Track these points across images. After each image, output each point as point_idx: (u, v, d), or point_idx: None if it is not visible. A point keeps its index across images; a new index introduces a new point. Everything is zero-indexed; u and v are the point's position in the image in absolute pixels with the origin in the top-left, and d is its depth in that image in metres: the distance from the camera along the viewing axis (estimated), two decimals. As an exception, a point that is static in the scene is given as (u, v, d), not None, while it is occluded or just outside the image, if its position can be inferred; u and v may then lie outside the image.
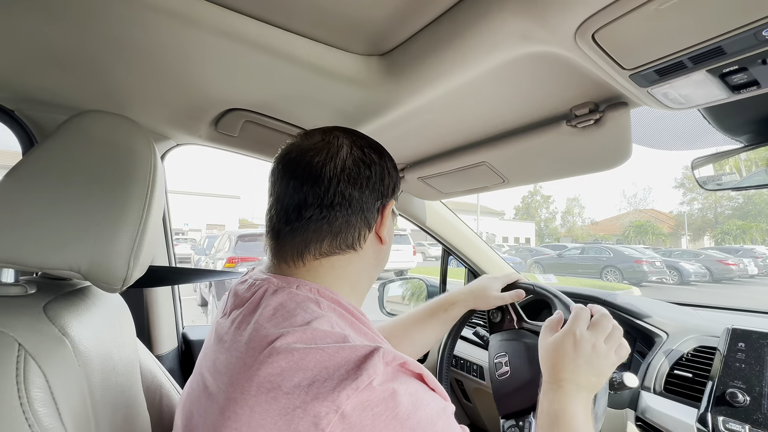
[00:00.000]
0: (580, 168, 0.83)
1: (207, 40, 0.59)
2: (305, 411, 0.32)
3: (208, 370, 0.41)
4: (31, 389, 0.36)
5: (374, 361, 0.34)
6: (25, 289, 0.45)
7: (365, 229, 0.49)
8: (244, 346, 0.38)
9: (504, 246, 26.07)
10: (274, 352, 0.35)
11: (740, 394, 0.69)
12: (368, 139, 0.53)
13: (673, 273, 12.94)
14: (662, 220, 36.61)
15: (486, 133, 0.84)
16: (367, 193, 0.49)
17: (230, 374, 0.36)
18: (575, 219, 44.90)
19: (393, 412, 0.33)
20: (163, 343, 1.11)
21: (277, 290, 0.43)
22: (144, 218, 0.47)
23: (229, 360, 0.38)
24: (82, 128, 0.47)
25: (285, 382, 0.33)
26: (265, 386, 0.33)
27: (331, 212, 0.47)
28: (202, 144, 1.06)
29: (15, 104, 0.82)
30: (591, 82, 0.60)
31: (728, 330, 0.79)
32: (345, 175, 0.47)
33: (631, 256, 13.21)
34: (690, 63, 0.46)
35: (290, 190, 0.47)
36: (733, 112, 0.63)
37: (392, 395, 0.34)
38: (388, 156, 0.54)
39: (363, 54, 0.67)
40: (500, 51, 0.54)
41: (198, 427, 0.38)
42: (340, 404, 0.32)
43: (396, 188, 0.54)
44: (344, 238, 0.48)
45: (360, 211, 0.48)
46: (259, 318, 0.40)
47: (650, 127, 0.75)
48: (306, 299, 0.42)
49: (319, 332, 0.37)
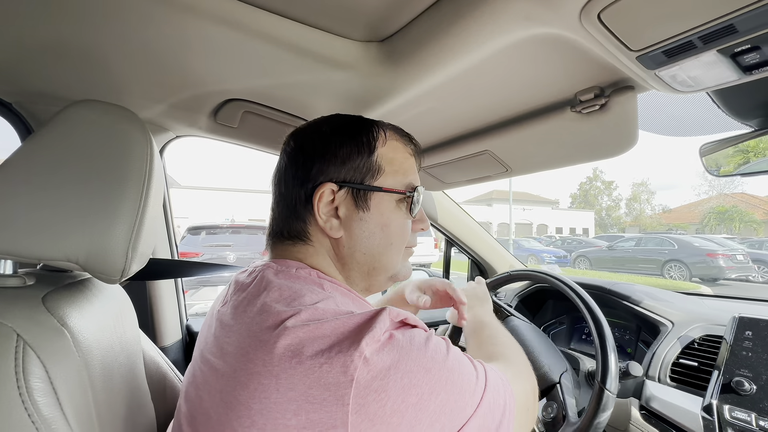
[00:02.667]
0: (585, 155, 0.81)
1: (204, 27, 0.57)
2: (331, 364, 0.34)
3: (214, 355, 0.41)
4: (30, 379, 0.36)
5: (383, 317, 0.37)
6: (24, 280, 0.44)
7: (297, 222, 0.49)
8: (256, 325, 0.38)
9: (555, 237, 23.15)
10: (289, 327, 0.36)
11: (747, 382, 0.68)
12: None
13: (763, 269, 10.46)
14: (755, 205, 29.00)
15: (488, 120, 0.82)
16: (291, 183, 0.50)
17: (245, 352, 0.37)
18: (643, 206, 38.07)
19: (407, 354, 0.36)
20: (167, 335, 1.11)
21: (278, 273, 0.45)
22: (141, 209, 0.47)
23: (240, 340, 0.39)
24: (77, 118, 0.46)
25: (306, 349, 0.35)
26: (287, 355, 0.35)
27: (278, 208, 0.51)
28: (202, 136, 1.05)
29: (13, 97, 0.82)
30: (596, 66, 0.58)
31: (735, 318, 0.78)
32: (276, 169, 0.53)
33: (702, 248, 10.37)
34: (700, 43, 0.44)
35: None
36: (743, 95, 0.61)
37: (407, 341, 0.37)
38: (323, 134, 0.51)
39: (362, 40, 0.66)
40: (503, 34, 0.53)
41: (210, 409, 0.38)
42: (362, 350, 0.34)
43: (348, 166, 0.48)
44: (288, 230, 0.50)
45: (287, 204, 0.50)
46: (266, 299, 0.41)
47: (657, 111, 0.73)
48: (309, 281, 0.44)
49: (329, 310, 0.39)
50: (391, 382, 0.34)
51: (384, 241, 0.50)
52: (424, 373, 0.36)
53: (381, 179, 0.50)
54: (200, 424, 0.39)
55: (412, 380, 0.35)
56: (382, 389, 0.34)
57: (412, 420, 0.35)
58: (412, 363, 0.36)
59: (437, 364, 0.37)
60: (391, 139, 0.52)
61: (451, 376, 0.38)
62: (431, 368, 0.37)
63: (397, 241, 0.51)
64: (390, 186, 0.50)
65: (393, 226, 0.51)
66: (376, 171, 0.50)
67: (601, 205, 39.49)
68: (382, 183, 0.50)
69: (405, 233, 0.53)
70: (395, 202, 0.51)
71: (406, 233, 0.53)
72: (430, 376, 0.36)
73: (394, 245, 0.51)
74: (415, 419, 0.35)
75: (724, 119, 0.67)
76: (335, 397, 0.33)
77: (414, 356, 0.36)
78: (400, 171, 0.52)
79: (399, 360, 0.36)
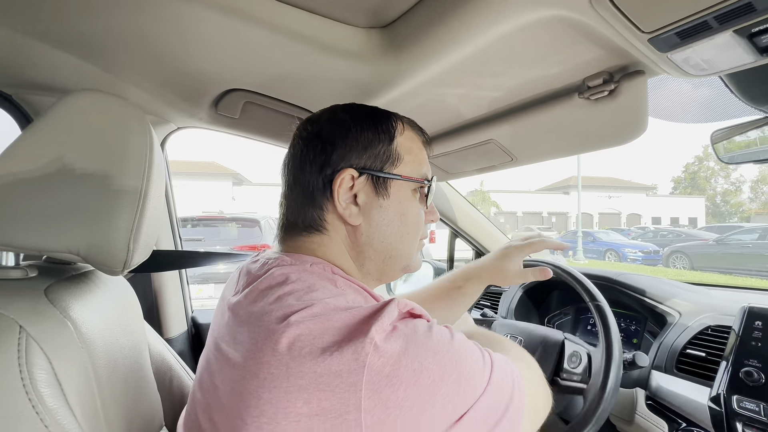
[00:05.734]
0: (593, 143, 0.80)
1: (203, 16, 0.56)
2: (342, 353, 0.34)
3: (227, 344, 0.42)
4: (34, 371, 0.36)
5: (391, 307, 0.38)
6: (26, 272, 0.44)
7: (313, 209, 0.49)
8: (267, 316, 0.39)
9: (649, 228, 19.08)
10: (300, 319, 0.37)
11: (756, 372, 0.67)
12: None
13: None
14: None
15: (493, 108, 0.81)
16: (309, 169, 0.49)
17: (256, 342, 0.38)
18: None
19: (414, 340, 0.37)
20: (172, 327, 1.12)
21: (293, 267, 0.45)
22: (141, 200, 0.46)
23: (252, 331, 0.39)
24: (75, 108, 0.46)
25: (316, 341, 0.35)
26: (297, 345, 0.35)
27: (292, 195, 0.50)
28: (203, 127, 1.04)
29: (13, 88, 0.81)
30: (605, 50, 0.57)
31: (744, 309, 0.77)
32: (289, 156, 0.52)
33: None
34: (715, 23, 0.42)
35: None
36: (759, 79, 0.59)
37: (413, 329, 0.38)
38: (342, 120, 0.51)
39: (364, 27, 0.64)
40: (509, 17, 0.51)
41: (223, 397, 0.39)
42: (372, 337, 0.35)
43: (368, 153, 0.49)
44: (303, 219, 0.49)
45: (303, 191, 0.49)
46: (279, 292, 0.41)
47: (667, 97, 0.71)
48: (323, 277, 0.45)
49: (339, 305, 0.39)
50: (402, 368, 0.35)
51: (401, 230, 0.51)
52: (432, 355, 0.37)
53: (400, 167, 0.51)
54: (215, 412, 0.40)
55: (423, 363, 0.36)
56: (394, 375, 0.35)
57: (425, 403, 0.35)
58: (421, 348, 0.37)
59: (444, 347, 0.38)
60: (407, 129, 0.53)
61: (459, 358, 0.39)
62: (439, 350, 0.38)
63: (413, 230, 0.52)
64: (408, 175, 0.51)
65: (410, 215, 0.51)
66: (396, 159, 0.50)
67: (715, 190, 31.17)
68: (401, 171, 0.50)
69: (420, 223, 0.53)
70: (411, 192, 0.52)
71: (420, 223, 0.54)
72: (438, 359, 0.37)
73: (410, 234, 0.52)
74: (428, 402, 0.35)
75: (737, 104, 0.65)
76: (347, 384, 0.34)
77: (421, 341, 0.37)
78: (416, 161, 0.53)
79: (407, 346, 0.36)
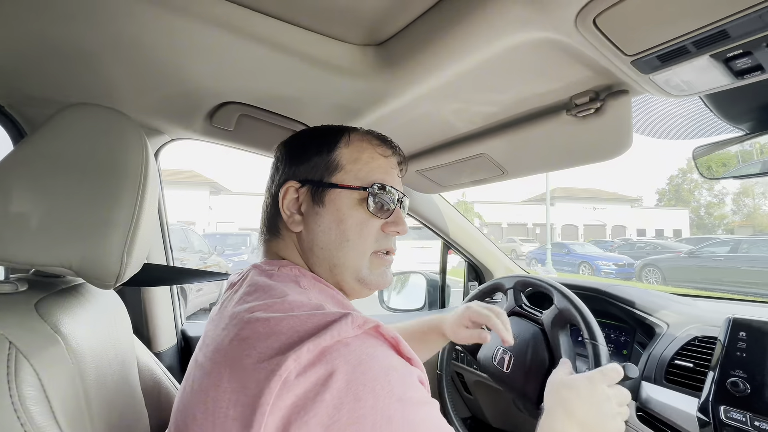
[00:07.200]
0: (580, 158, 0.82)
1: (198, 30, 0.57)
2: (269, 362, 0.34)
3: (200, 348, 0.45)
4: (22, 387, 0.36)
5: (341, 323, 0.37)
6: (16, 286, 0.44)
7: (274, 217, 0.55)
8: (227, 319, 0.41)
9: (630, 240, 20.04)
10: (252, 320, 0.38)
11: (741, 383, 0.68)
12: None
13: None
14: None
15: (484, 123, 0.83)
16: (269, 185, 0.57)
17: (216, 343, 0.40)
18: (758, 202, 29.28)
19: (353, 375, 0.34)
20: (161, 340, 1.10)
21: (262, 272, 0.48)
22: (136, 213, 0.46)
23: (215, 332, 0.42)
24: (71, 121, 0.46)
25: (259, 343, 0.36)
26: (242, 346, 0.37)
27: (264, 206, 0.58)
28: (197, 139, 1.04)
29: (4, 99, 0.81)
30: (591, 70, 0.59)
31: (729, 320, 0.79)
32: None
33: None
34: (693, 48, 0.45)
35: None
36: (736, 99, 0.62)
37: (357, 359, 0.35)
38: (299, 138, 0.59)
39: (359, 44, 0.66)
40: (499, 38, 0.53)
41: (193, 394, 0.40)
42: (299, 356, 0.34)
43: (306, 165, 0.54)
44: (268, 227, 0.56)
45: (270, 202, 0.56)
46: (242, 295, 0.44)
47: (650, 115, 0.74)
48: (287, 278, 0.48)
49: (296, 302, 0.40)
50: (318, 399, 0.33)
51: (339, 237, 0.51)
52: (358, 400, 0.33)
53: (338, 176, 0.52)
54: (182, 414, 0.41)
55: (343, 401, 0.33)
56: (311, 405, 0.33)
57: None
58: (353, 383, 0.34)
59: (384, 394, 0.34)
60: (358, 141, 0.55)
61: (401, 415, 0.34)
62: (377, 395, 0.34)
63: (354, 237, 0.52)
64: (348, 183, 0.52)
65: (349, 222, 0.51)
66: (334, 168, 0.53)
67: (699, 202, 31.71)
68: (339, 180, 0.52)
69: (364, 231, 0.52)
70: (356, 200, 0.52)
71: (366, 231, 0.52)
72: (368, 404, 0.33)
73: (351, 242, 0.51)
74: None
75: (718, 122, 0.68)
76: (262, 396, 0.33)
77: (358, 376, 0.34)
78: (363, 170, 0.53)
79: (335, 374, 0.34)
